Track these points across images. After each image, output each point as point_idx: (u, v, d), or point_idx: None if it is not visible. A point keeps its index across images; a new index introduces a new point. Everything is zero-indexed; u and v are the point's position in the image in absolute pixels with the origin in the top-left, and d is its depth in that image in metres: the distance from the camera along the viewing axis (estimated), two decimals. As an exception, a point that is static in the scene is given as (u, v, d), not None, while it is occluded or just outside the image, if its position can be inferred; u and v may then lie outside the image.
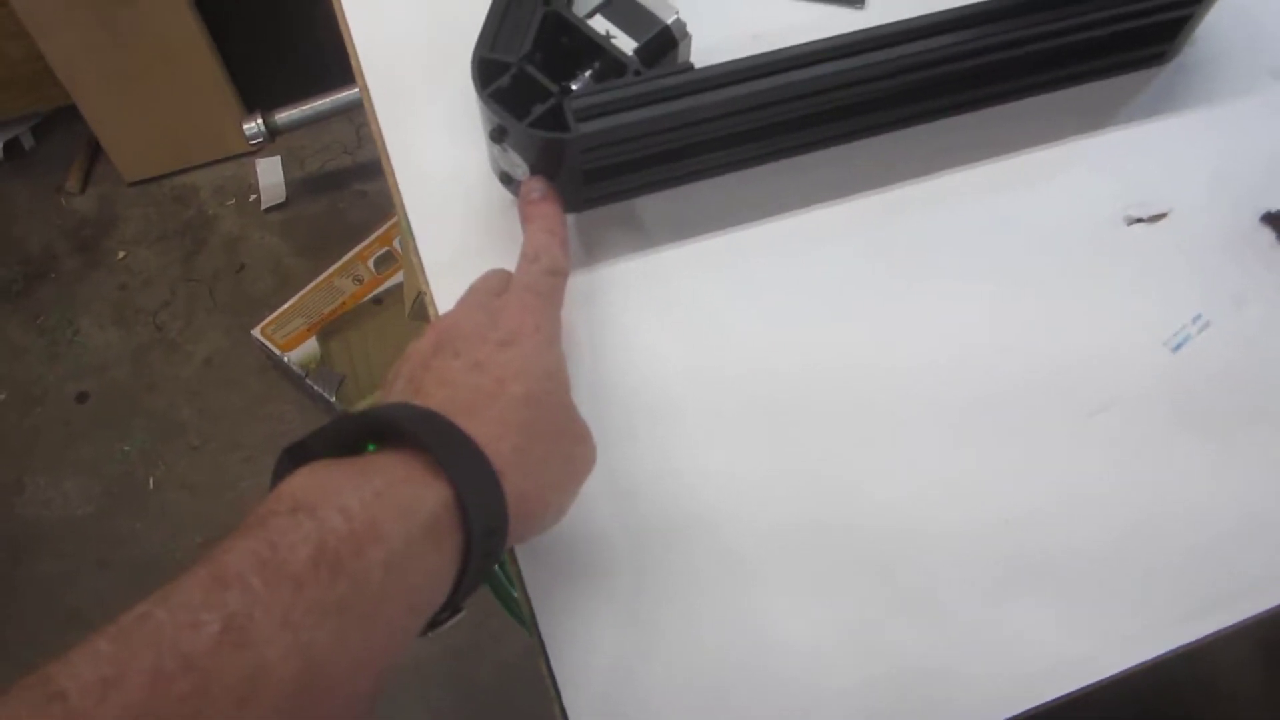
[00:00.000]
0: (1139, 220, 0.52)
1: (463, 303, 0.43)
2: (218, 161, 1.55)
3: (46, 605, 1.25)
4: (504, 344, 0.39)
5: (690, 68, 0.47)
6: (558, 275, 0.44)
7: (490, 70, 0.46)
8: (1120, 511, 0.46)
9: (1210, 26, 0.55)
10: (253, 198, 1.53)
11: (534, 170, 0.48)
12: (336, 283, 1.36)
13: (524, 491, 0.35)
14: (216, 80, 1.44)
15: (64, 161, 1.56)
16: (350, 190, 1.54)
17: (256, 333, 1.33)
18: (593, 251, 0.50)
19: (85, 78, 1.39)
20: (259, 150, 1.52)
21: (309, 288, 1.35)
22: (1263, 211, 0.52)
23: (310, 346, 1.31)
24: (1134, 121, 0.54)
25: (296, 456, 0.34)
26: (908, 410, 0.48)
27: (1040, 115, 0.54)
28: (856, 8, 0.57)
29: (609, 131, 0.45)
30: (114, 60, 1.37)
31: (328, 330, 1.32)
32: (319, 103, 1.40)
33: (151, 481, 1.33)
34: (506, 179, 0.50)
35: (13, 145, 1.57)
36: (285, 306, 1.34)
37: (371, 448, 0.35)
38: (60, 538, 1.30)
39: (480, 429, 0.35)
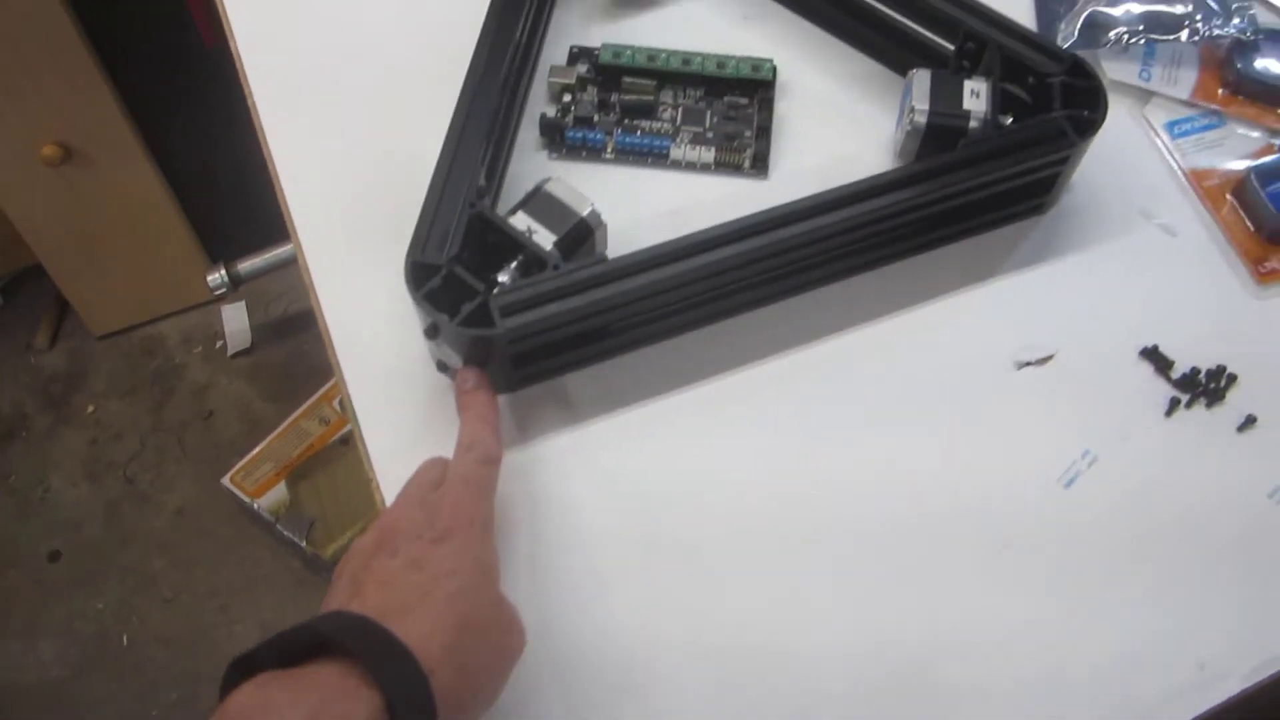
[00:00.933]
0: (1028, 364, 0.56)
1: (402, 497, 0.46)
2: (184, 310, 1.59)
3: (23, 774, 1.24)
4: (438, 540, 0.42)
5: (604, 259, 0.51)
6: (491, 464, 0.47)
7: (422, 273, 0.51)
8: (1027, 647, 0.49)
9: (1084, 175, 0.60)
10: (219, 344, 1.57)
11: (467, 360, 0.52)
12: (303, 425, 1.38)
13: (454, 687, 0.38)
14: (180, 234, 1.48)
15: (32, 319, 1.59)
16: (313, 332, 1.56)
17: (226, 481, 1.35)
18: (526, 430, 0.54)
19: (50, 238, 1.42)
20: (224, 298, 1.56)
21: (276, 432, 1.38)
22: (1140, 347, 0.57)
23: (280, 491, 1.33)
24: (1019, 269, 0.59)
25: (244, 668, 0.37)
26: (826, 561, 0.51)
27: (933, 270, 0.59)
28: (760, 179, 0.62)
29: (531, 324, 0.49)
30: (78, 220, 1.40)
31: (297, 474, 1.35)
32: (280, 250, 1.44)
33: (125, 638, 1.33)
34: (443, 366, 0.54)
35: (-19, 306, 1.61)
36: (254, 453, 1.36)
37: None
38: (35, 703, 1.29)
39: (413, 628, 0.38)
